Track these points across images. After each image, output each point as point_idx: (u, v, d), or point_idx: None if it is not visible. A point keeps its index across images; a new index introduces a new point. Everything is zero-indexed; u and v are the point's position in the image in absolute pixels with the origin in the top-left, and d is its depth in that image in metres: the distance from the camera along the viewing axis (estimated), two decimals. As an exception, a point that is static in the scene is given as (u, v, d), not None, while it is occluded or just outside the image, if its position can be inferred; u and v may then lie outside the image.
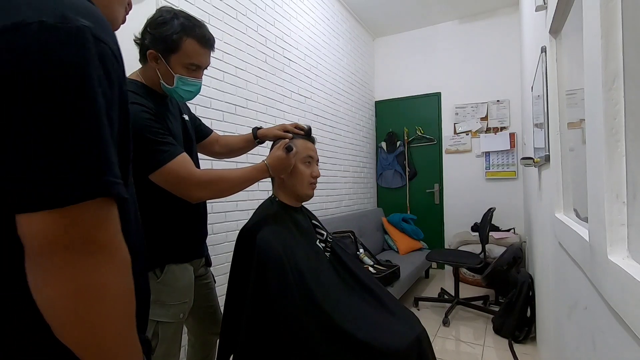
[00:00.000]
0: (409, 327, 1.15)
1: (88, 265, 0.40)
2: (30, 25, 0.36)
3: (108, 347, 0.43)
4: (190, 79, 1.04)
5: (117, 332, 0.43)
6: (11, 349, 0.49)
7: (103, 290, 0.41)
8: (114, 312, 0.43)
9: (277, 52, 2.50)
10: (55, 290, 0.39)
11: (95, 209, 0.40)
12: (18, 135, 0.37)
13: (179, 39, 0.98)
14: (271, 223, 1.16)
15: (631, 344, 0.48)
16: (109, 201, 0.42)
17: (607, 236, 0.55)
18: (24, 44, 0.36)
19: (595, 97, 0.60)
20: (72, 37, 0.38)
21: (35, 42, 0.36)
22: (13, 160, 0.37)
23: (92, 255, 0.41)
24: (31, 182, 0.37)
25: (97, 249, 0.41)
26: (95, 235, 0.41)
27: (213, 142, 1.39)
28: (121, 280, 0.44)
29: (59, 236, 0.38)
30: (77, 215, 0.39)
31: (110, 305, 0.42)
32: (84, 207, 0.39)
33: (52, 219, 0.38)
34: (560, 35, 1.22)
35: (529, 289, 2.24)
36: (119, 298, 0.43)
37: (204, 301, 1.25)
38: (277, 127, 1.29)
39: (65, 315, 0.40)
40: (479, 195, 3.79)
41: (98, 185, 0.40)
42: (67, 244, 0.39)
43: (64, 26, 0.38)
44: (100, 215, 0.41)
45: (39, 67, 0.37)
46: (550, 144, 1.32)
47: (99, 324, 0.41)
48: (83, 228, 0.40)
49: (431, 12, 3.76)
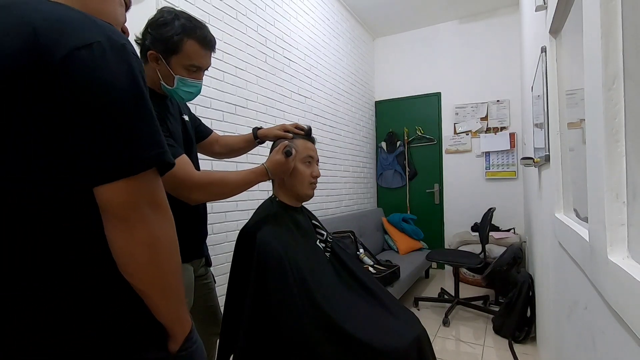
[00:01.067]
0: (409, 327, 1.15)
1: (154, 220, 0.52)
2: (92, 44, 0.48)
3: (169, 282, 0.55)
4: (191, 80, 1.04)
5: (174, 271, 0.56)
6: (11, 349, 0.49)
7: (164, 239, 0.54)
8: (172, 256, 0.55)
9: (277, 52, 2.50)
10: (133, 241, 0.50)
11: (153, 176, 0.53)
12: (93, 123, 0.48)
13: (180, 40, 0.98)
14: (271, 223, 1.16)
15: (631, 344, 0.48)
16: (156, 171, 0.54)
17: (607, 236, 0.55)
18: (93, 58, 0.48)
19: (595, 97, 0.60)
20: (120, 51, 0.51)
21: (100, 55, 0.48)
22: (90, 144, 0.48)
23: (155, 212, 0.52)
24: (106, 159, 0.48)
25: (158, 207, 0.53)
26: (157, 197, 0.53)
27: (213, 142, 1.38)
28: (173, 232, 0.56)
29: (133, 199, 0.50)
30: (142, 181, 0.51)
31: (169, 250, 0.55)
32: (145, 175, 0.51)
33: (126, 186, 0.49)
34: (560, 35, 1.22)
35: (529, 289, 2.24)
36: (173, 245, 0.56)
37: (204, 301, 1.25)
38: (277, 127, 1.29)
39: (141, 260, 0.51)
40: (479, 195, 3.79)
41: (155, 156, 0.52)
42: (138, 204, 0.50)
43: (113, 43, 0.50)
44: (156, 180, 0.53)
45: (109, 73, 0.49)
46: (550, 144, 1.32)
47: (164, 265, 0.54)
48: (148, 191, 0.52)
49: (431, 12, 3.76)
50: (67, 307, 0.50)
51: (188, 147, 1.13)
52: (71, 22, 0.49)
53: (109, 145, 0.48)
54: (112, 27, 0.53)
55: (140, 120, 0.51)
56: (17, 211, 0.48)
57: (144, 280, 0.53)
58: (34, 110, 0.47)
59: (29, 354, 0.49)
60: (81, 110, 0.47)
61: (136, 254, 0.51)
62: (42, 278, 0.49)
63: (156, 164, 0.52)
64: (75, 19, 0.50)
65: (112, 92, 0.48)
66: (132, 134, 0.50)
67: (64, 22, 0.49)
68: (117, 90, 0.49)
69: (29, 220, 0.49)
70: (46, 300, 0.49)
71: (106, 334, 0.53)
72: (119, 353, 0.54)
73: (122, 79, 0.49)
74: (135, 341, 0.55)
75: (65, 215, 0.50)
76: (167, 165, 0.54)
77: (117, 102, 0.49)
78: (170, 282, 0.55)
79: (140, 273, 0.52)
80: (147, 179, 0.51)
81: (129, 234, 0.50)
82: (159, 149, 0.52)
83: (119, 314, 0.53)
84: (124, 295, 0.53)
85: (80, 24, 0.50)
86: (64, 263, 0.50)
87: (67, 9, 0.51)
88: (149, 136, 0.52)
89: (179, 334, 0.59)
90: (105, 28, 0.51)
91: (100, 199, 0.49)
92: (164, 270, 0.54)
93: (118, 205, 0.49)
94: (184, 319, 0.60)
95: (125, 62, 0.51)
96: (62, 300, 0.50)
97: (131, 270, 0.52)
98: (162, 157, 0.53)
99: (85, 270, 0.51)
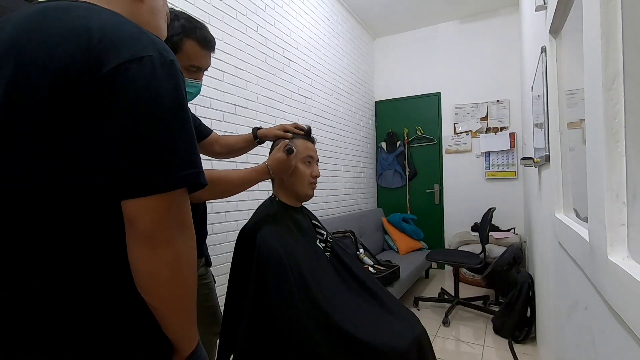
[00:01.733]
0: (409, 327, 1.15)
1: (180, 240, 0.52)
2: (143, 58, 0.49)
3: (184, 302, 0.55)
4: (191, 80, 1.04)
5: (191, 292, 0.56)
6: (11, 349, 0.49)
7: (186, 260, 0.53)
8: (191, 276, 0.55)
9: (277, 52, 2.50)
10: (157, 260, 0.49)
11: (183, 195, 0.52)
12: (135, 135, 0.48)
13: (180, 41, 0.98)
14: (271, 223, 1.16)
15: (631, 344, 0.48)
16: (186, 190, 0.53)
17: (607, 236, 0.55)
18: (143, 72, 0.48)
19: (595, 97, 0.60)
20: (169, 67, 0.51)
21: (150, 70, 0.49)
22: (127, 156, 0.48)
23: (181, 232, 0.52)
24: (142, 173, 0.48)
25: (184, 227, 0.53)
26: (184, 217, 0.53)
27: (213, 142, 1.38)
28: (194, 253, 0.55)
29: (162, 216, 0.49)
30: (173, 199, 0.50)
31: (189, 271, 0.54)
32: (177, 194, 0.50)
33: (157, 202, 0.49)
34: (560, 35, 1.22)
35: (529, 289, 2.24)
36: (193, 265, 0.55)
37: (203, 301, 1.25)
38: (277, 127, 1.29)
39: (162, 280, 0.51)
40: (479, 195, 3.79)
41: (189, 176, 0.51)
42: (166, 223, 0.50)
43: (163, 60, 0.51)
44: (186, 200, 0.53)
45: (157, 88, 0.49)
46: (550, 144, 1.32)
47: (183, 285, 0.53)
48: (177, 210, 0.51)
49: (431, 12, 3.76)
50: (67, 307, 0.50)
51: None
52: (126, 34, 0.50)
53: (145, 159, 0.48)
54: (163, 43, 0.54)
55: (180, 138, 0.51)
56: (17, 211, 0.48)
57: (161, 299, 0.53)
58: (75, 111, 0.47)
59: (29, 354, 0.49)
60: (124, 122, 0.47)
61: (159, 274, 0.50)
62: (42, 278, 0.49)
63: (189, 183, 0.52)
64: (131, 31, 0.51)
65: (157, 108, 0.49)
66: (170, 151, 0.49)
67: (119, 33, 0.49)
68: (162, 107, 0.49)
69: (29, 220, 0.49)
70: (46, 300, 0.49)
71: (106, 335, 0.52)
72: (119, 354, 0.54)
73: (168, 96, 0.50)
74: (135, 342, 0.55)
75: (65, 215, 0.50)
76: (199, 186, 0.54)
77: (160, 118, 0.49)
78: (185, 302, 0.55)
79: (159, 292, 0.52)
80: (178, 198, 0.51)
81: (154, 253, 0.49)
82: (194, 169, 0.52)
83: (119, 314, 0.53)
84: (125, 296, 0.53)
85: (134, 36, 0.50)
86: (64, 263, 0.50)
87: (124, 21, 0.52)
88: (186, 155, 0.51)
89: (184, 351, 0.59)
90: (157, 43, 0.52)
91: (128, 213, 0.49)
92: (182, 291, 0.54)
93: (146, 221, 0.48)
94: (193, 336, 0.60)
95: (173, 78, 0.51)
96: (62, 300, 0.50)
97: (149, 289, 0.51)
98: (196, 178, 0.52)
99: (86, 270, 0.51)
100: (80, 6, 0.52)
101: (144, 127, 0.48)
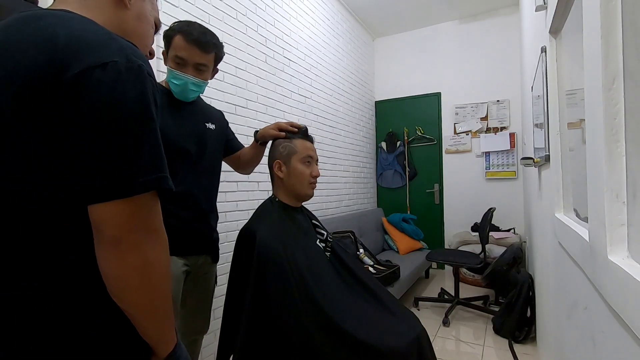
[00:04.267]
0: (409, 327, 1.15)
1: (147, 245, 0.51)
2: (108, 64, 0.48)
3: (158, 307, 0.54)
4: (178, 72, 1.13)
5: (164, 296, 0.55)
6: (11, 349, 0.49)
7: (157, 264, 0.52)
8: (162, 281, 0.54)
9: (277, 52, 2.50)
10: (124, 265, 0.49)
11: (150, 200, 0.51)
12: (98, 141, 0.48)
13: (172, 35, 1.13)
14: (271, 223, 1.16)
15: (631, 344, 0.48)
16: (156, 194, 0.53)
17: (607, 236, 0.55)
18: (107, 77, 0.48)
19: (595, 97, 0.60)
20: (136, 72, 0.51)
21: (114, 75, 0.49)
22: (91, 161, 0.48)
23: (149, 237, 0.51)
24: (106, 177, 0.48)
25: (152, 232, 0.52)
26: (152, 221, 0.52)
27: (240, 156, 1.44)
28: (165, 256, 0.55)
29: (127, 221, 0.49)
30: (139, 204, 0.50)
31: (160, 275, 0.53)
32: (143, 198, 0.50)
33: (121, 207, 0.48)
34: (560, 35, 1.22)
35: (529, 289, 2.24)
36: (165, 270, 0.55)
37: (197, 294, 1.30)
38: (272, 127, 1.28)
39: (131, 285, 0.50)
40: (479, 195, 3.79)
41: (155, 180, 0.51)
42: (132, 228, 0.49)
43: (130, 65, 0.50)
44: (153, 205, 0.52)
45: (121, 94, 0.49)
46: (550, 144, 1.32)
47: (155, 291, 0.53)
48: (143, 215, 0.51)
49: (431, 12, 3.76)
50: (67, 307, 0.50)
51: (201, 152, 1.22)
52: (93, 39, 0.50)
53: (108, 164, 0.48)
54: (134, 48, 0.53)
55: (144, 143, 0.50)
56: (18, 211, 0.49)
57: (132, 304, 0.52)
58: (41, 117, 0.48)
59: (29, 354, 0.49)
60: (87, 128, 0.48)
61: (126, 279, 0.50)
62: (42, 278, 0.49)
63: (154, 188, 0.51)
64: (99, 37, 0.50)
65: (120, 113, 0.49)
66: (133, 157, 0.49)
67: (86, 39, 0.49)
68: (125, 112, 0.49)
69: (29, 220, 0.49)
70: (46, 300, 0.49)
71: (106, 335, 0.52)
72: (119, 354, 0.54)
73: (132, 101, 0.50)
74: (135, 342, 0.55)
75: (66, 215, 0.50)
76: (166, 191, 0.54)
77: (123, 123, 0.49)
78: (158, 307, 0.54)
79: (129, 297, 0.51)
80: (144, 203, 0.50)
81: (120, 258, 0.49)
82: (158, 173, 0.52)
83: (119, 314, 0.53)
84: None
85: (102, 42, 0.50)
86: (63, 263, 0.50)
87: (95, 28, 0.52)
88: (150, 160, 0.51)
89: (162, 352, 0.58)
90: (126, 48, 0.52)
91: (93, 218, 0.48)
92: (154, 295, 0.53)
93: (111, 226, 0.48)
94: (170, 338, 0.59)
95: (139, 83, 0.51)
96: (62, 300, 0.50)
97: (119, 294, 0.51)
98: (161, 183, 0.52)
99: (85, 270, 0.51)
100: (54, 14, 0.52)
101: (106, 133, 0.48)
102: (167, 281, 0.56)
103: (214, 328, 1.48)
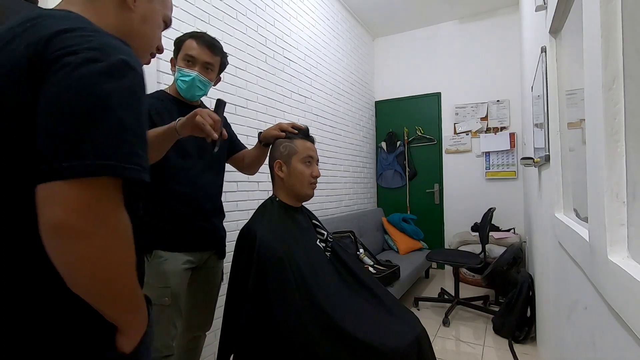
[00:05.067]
0: (408, 327, 1.15)
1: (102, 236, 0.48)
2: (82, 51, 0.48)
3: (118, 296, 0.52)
4: (186, 70, 1.20)
5: (125, 285, 0.52)
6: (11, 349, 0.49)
7: (112, 254, 0.49)
8: (119, 269, 0.51)
9: (277, 52, 2.50)
10: (71, 254, 0.46)
11: (102, 186, 0.48)
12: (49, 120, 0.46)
13: (184, 40, 1.23)
14: (271, 223, 1.16)
15: (631, 344, 0.48)
16: (113, 181, 0.49)
17: (607, 236, 0.55)
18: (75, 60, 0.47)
19: (595, 97, 0.60)
20: (113, 63, 0.49)
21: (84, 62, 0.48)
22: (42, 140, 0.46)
23: (102, 227, 0.48)
24: (55, 155, 0.45)
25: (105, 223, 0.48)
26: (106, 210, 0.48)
27: (244, 156, 1.47)
28: (121, 247, 0.51)
29: (74, 206, 0.45)
30: (90, 188, 0.47)
31: (117, 265, 0.50)
32: (97, 183, 0.47)
33: (69, 189, 0.45)
34: (560, 35, 1.22)
35: (529, 289, 2.24)
36: (122, 260, 0.51)
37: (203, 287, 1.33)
38: (274, 127, 1.29)
39: (85, 275, 0.48)
40: (479, 195, 3.79)
41: (110, 167, 0.48)
42: (73, 213, 0.45)
43: (110, 57, 0.49)
44: (107, 192, 0.48)
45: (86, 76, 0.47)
46: (550, 144, 1.32)
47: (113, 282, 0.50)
48: (88, 200, 0.47)
49: (431, 12, 3.76)
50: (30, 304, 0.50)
51: (201, 153, 1.27)
52: (78, 34, 0.50)
53: (55, 143, 0.46)
54: (124, 47, 0.53)
55: (102, 127, 0.47)
56: None
57: (90, 295, 0.50)
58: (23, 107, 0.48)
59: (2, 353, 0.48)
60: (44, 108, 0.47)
61: (75, 267, 0.47)
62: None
63: (106, 174, 0.48)
64: (84, 32, 0.50)
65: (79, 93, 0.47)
66: (82, 138, 0.46)
67: (71, 33, 0.50)
68: (84, 92, 0.47)
69: None
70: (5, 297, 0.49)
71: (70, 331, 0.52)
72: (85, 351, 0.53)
73: (99, 84, 0.48)
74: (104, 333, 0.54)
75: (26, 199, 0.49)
76: (136, 183, 0.51)
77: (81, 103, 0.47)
78: (115, 298, 0.52)
79: (85, 288, 0.49)
80: (97, 188, 0.47)
81: (65, 244, 0.46)
82: (118, 161, 0.48)
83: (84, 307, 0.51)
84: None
85: (86, 37, 0.50)
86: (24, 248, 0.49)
87: (84, 26, 0.52)
88: (108, 145, 0.48)
89: (131, 336, 0.56)
90: (111, 45, 0.51)
91: (39, 198, 0.45)
92: (113, 287, 0.51)
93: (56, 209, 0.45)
94: (135, 326, 0.57)
95: (114, 70, 0.49)
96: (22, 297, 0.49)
97: (70, 281, 0.48)
98: (120, 171, 0.48)
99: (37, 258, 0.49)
100: (54, 14, 0.52)
101: (61, 113, 0.46)
102: (128, 270, 0.52)
103: (214, 328, 1.48)
